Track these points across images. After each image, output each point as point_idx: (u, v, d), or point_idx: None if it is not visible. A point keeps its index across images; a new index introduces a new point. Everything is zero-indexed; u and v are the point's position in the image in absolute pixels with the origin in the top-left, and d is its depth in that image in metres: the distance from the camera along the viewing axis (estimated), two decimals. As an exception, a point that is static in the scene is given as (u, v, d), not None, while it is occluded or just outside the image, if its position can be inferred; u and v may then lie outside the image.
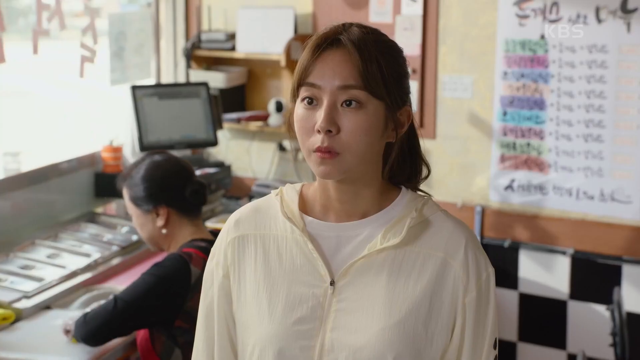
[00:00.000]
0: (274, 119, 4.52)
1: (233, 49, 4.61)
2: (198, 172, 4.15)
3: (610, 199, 3.96)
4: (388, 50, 1.54)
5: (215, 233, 2.95)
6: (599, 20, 3.90)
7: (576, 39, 3.94)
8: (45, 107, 4.53)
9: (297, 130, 1.54)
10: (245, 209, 1.67)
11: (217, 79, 4.58)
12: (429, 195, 1.64)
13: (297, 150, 4.78)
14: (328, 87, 1.49)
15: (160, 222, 2.79)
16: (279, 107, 4.48)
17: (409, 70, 1.62)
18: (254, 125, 4.56)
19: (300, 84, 1.53)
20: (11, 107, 4.12)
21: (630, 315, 3.87)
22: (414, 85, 4.20)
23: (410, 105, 1.59)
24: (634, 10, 3.81)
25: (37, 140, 4.27)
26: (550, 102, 4.04)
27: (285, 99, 4.53)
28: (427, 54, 4.25)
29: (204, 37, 4.67)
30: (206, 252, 2.64)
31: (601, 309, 4.00)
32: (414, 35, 4.25)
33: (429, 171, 1.66)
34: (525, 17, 4.05)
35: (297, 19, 4.51)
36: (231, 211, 4.40)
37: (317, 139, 1.49)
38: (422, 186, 1.67)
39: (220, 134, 4.56)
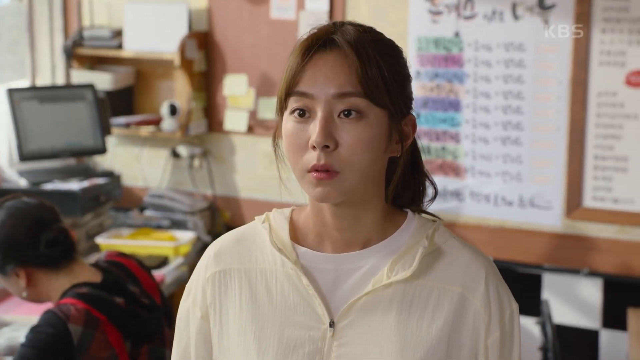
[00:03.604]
0: (167, 124, 4.16)
1: (120, 47, 4.23)
2: (85, 183, 3.75)
3: (530, 205, 3.78)
4: (388, 50, 1.34)
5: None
6: (516, 17, 3.72)
7: (492, 37, 3.75)
8: None
9: (286, 148, 1.33)
10: (226, 239, 1.46)
11: (102, 80, 4.19)
12: (440, 219, 1.43)
13: (192, 157, 4.30)
14: (322, 96, 1.29)
15: (22, 283, 2.41)
16: (173, 111, 4.13)
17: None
18: (145, 130, 4.19)
19: (288, 93, 1.32)
20: None
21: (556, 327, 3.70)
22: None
23: (414, 113, 1.39)
24: (552, 6, 3.65)
25: None
26: (466, 103, 3.84)
27: (180, 101, 4.18)
28: (334, 53, 3.98)
29: (86, 33, 4.27)
30: (87, 299, 2.32)
31: (523, 321, 3.83)
32: (320, 33, 3.97)
33: (436, 191, 1.46)
34: (439, 13, 3.83)
35: (191, 15, 4.17)
36: (121, 225, 4.04)
37: (312, 157, 1.29)
38: None
39: (107, 141, 4.16)
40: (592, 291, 3.76)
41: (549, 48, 3.69)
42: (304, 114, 1.30)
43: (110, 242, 3.77)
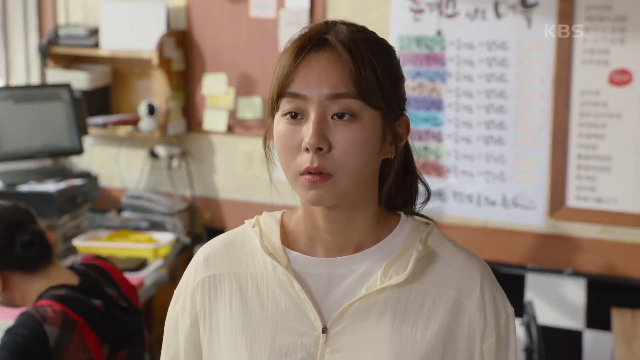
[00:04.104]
0: (146, 123, 4.09)
1: (96, 45, 4.16)
2: (62, 184, 3.69)
3: (513, 205, 3.75)
4: (381, 50, 1.32)
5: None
6: (498, 15, 3.69)
7: (474, 35, 3.71)
8: None
9: (278, 150, 1.30)
10: (215, 243, 1.42)
11: (78, 79, 4.12)
12: (433, 221, 1.40)
13: (171, 157, 4.23)
14: (315, 97, 1.26)
15: None
16: (151, 110, 4.06)
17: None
18: (123, 130, 4.12)
19: (280, 94, 1.29)
20: None
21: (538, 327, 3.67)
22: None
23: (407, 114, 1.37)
24: (534, 5, 3.62)
25: None
26: (448, 102, 3.80)
27: (158, 101, 4.12)
28: (314, 51, 3.93)
29: (61, 32, 4.19)
30: (64, 301, 2.26)
31: (506, 321, 3.79)
32: (300, 31, 3.91)
33: (430, 193, 1.43)
34: (420, 11, 3.79)
35: (170, 13, 4.11)
36: (98, 226, 3.97)
37: (305, 159, 1.26)
38: None
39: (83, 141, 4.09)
40: (575, 291, 3.73)
41: (531, 47, 3.66)
42: (296, 115, 1.27)
43: (87, 244, 3.70)
